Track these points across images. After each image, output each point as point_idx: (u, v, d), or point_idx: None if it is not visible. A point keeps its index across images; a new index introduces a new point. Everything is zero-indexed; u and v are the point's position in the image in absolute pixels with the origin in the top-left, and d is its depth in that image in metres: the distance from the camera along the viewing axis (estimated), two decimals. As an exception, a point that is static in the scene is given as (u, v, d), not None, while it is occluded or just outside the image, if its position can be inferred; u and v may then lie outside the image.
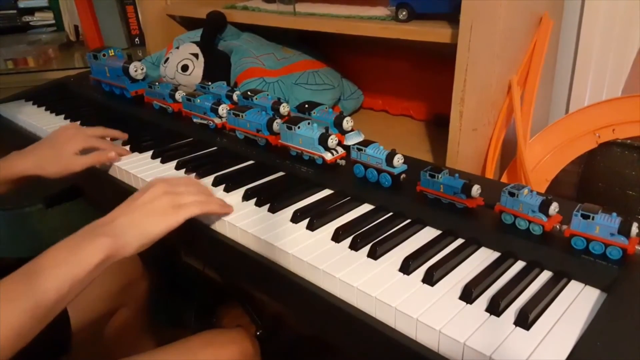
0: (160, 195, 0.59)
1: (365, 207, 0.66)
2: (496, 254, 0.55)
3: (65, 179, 0.78)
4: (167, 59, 1.08)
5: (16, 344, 0.48)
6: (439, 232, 0.60)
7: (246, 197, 0.68)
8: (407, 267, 0.52)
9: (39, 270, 0.50)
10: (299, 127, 0.71)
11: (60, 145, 0.78)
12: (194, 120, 0.90)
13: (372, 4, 0.98)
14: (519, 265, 0.53)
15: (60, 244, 0.54)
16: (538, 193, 0.55)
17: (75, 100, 1.15)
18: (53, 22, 1.90)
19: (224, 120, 0.86)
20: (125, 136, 0.88)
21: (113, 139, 0.88)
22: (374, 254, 0.55)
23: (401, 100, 1.12)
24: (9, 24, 1.86)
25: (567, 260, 0.51)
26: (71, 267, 0.51)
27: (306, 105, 0.80)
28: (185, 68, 1.05)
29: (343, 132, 0.77)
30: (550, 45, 0.90)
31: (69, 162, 0.77)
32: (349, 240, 0.58)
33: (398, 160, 0.64)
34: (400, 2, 0.85)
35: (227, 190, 0.71)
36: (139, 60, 1.06)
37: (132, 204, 0.59)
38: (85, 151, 0.79)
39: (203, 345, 0.73)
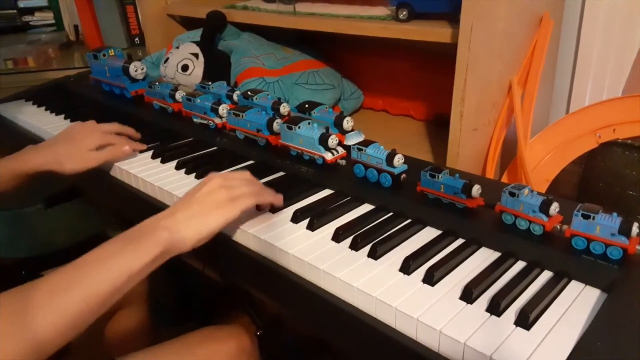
0: (217, 189, 0.59)
1: (366, 207, 0.66)
2: (496, 254, 0.55)
3: (80, 175, 0.78)
4: (167, 58, 1.08)
5: (69, 334, 0.47)
6: (439, 232, 0.59)
7: (246, 197, 0.68)
8: (407, 267, 0.52)
9: (94, 261, 0.51)
10: (299, 127, 0.71)
11: (77, 141, 0.79)
12: (194, 120, 0.90)
13: (372, 4, 0.98)
14: (520, 265, 0.53)
15: (119, 236, 0.54)
16: (538, 193, 0.55)
17: (75, 100, 1.15)
18: (53, 21, 1.90)
19: (224, 120, 0.86)
20: (138, 136, 0.88)
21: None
22: (374, 254, 0.55)
23: (401, 100, 1.12)
24: (9, 23, 1.86)
25: (567, 260, 0.51)
26: (127, 259, 0.51)
27: (306, 105, 0.80)
28: (185, 68, 1.05)
29: (343, 132, 0.77)
30: (551, 45, 0.90)
31: (85, 158, 0.78)
32: (349, 240, 0.58)
33: (398, 160, 0.64)
34: (401, 2, 0.85)
35: (227, 190, 0.71)
36: (139, 60, 1.06)
37: (190, 199, 0.59)
38: (100, 147, 0.80)
39: (201, 340, 0.73)
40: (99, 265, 0.51)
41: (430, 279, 0.50)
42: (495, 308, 0.46)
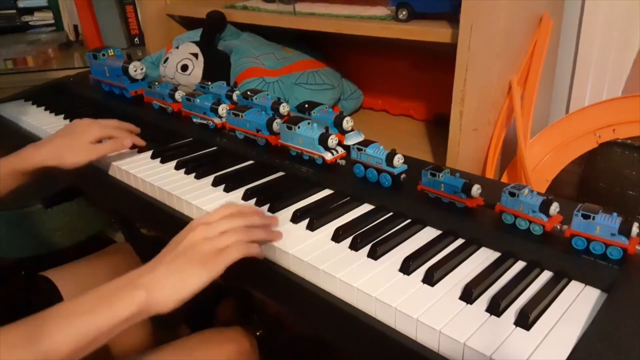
0: (200, 241, 0.54)
1: (365, 207, 0.66)
2: (496, 254, 0.55)
3: (81, 170, 0.78)
4: (167, 58, 1.08)
5: None
6: (439, 232, 0.59)
7: (246, 197, 0.68)
8: (407, 267, 0.52)
9: (62, 317, 0.47)
10: (299, 127, 0.71)
11: (76, 135, 0.79)
12: (194, 120, 0.90)
13: (372, 4, 0.98)
14: (520, 265, 0.53)
15: (96, 288, 0.50)
16: (538, 193, 0.55)
17: (74, 100, 1.15)
18: (52, 22, 1.90)
19: (223, 120, 0.86)
20: (138, 130, 0.87)
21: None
22: (374, 254, 0.55)
23: (401, 100, 1.11)
24: (8, 23, 1.86)
25: (567, 261, 0.51)
26: (97, 318, 0.47)
27: (306, 105, 0.80)
28: (185, 68, 1.05)
29: (343, 132, 0.77)
30: (551, 45, 0.90)
31: (86, 151, 0.77)
32: (349, 240, 0.58)
33: (398, 160, 0.64)
34: (401, 2, 0.84)
35: (227, 190, 0.71)
36: (139, 60, 1.06)
37: (173, 251, 0.54)
38: (101, 141, 0.80)
39: (201, 343, 0.73)
40: (65, 322, 0.47)
41: (430, 279, 0.50)
42: (495, 308, 0.46)
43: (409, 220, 0.62)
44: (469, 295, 0.48)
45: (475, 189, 0.58)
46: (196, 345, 0.72)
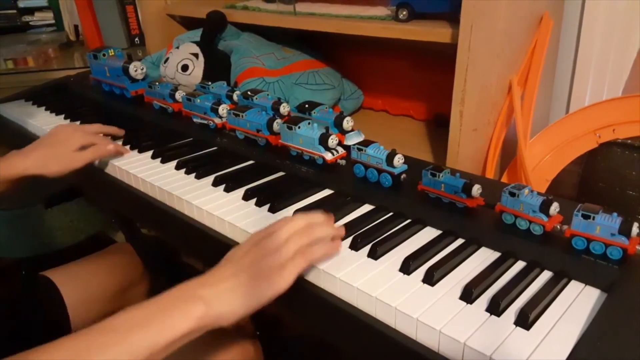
0: (264, 253, 0.51)
1: (366, 207, 0.66)
2: (496, 254, 0.55)
3: (65, 177, 0.78)
4: (167, 58, 1.08)
5: None
6: (439, 232, 0.59)
7: (246, 197, 0.68)
8: (407, 267, 0.52)
9: (114, 331, 0.44)
10: (299, 127, 0.71)
11: (59, 143, 0.79)
12: (194, 120, 0.90)
13: (372, 4, 0.98)
14: (520, 265, 0.53)
15: (152, 300, 0.47)
16: (538, 193, 0.55)
17: (75, 100, 1.15)
18: (53, 22, 1.90)
19: (224, 120, 0.86)
20: (122, 132, 0.88)
21: (113, 138, 0.88)
22: (374, 254, 0.55)
23: (401, 100, 1.12)
24: (8, 23, 1.86)
25: (567, 260, 0.51)
26: (152, 334, 0.44)
27: (306, 105, 0.80)
28: (185, 68, 1.05)
29: (343, 132, 0.77)
30: (551, 45, 0.90)
31: (70, 160, 0.78)
32: (349, 240, 0.58)
33: (398, 160, 0.64)
34: (401, 2, 0.85)
35: (227, 190, 0.71)
36: (139, 60, 1.06)
37: (240, 263, 0.51)
38: (84, 148, 0.80)
39: (203, 347, 0.72)
40: (118, 337, 0.44)
41: (430, 279, 0.50)
42: (495, 308, 0.46)
43: (409, 220, 0.62)
44: (469, 295, 0.48)
45: (476, 189, 0.58)
46: (199, 350, 0.72)
